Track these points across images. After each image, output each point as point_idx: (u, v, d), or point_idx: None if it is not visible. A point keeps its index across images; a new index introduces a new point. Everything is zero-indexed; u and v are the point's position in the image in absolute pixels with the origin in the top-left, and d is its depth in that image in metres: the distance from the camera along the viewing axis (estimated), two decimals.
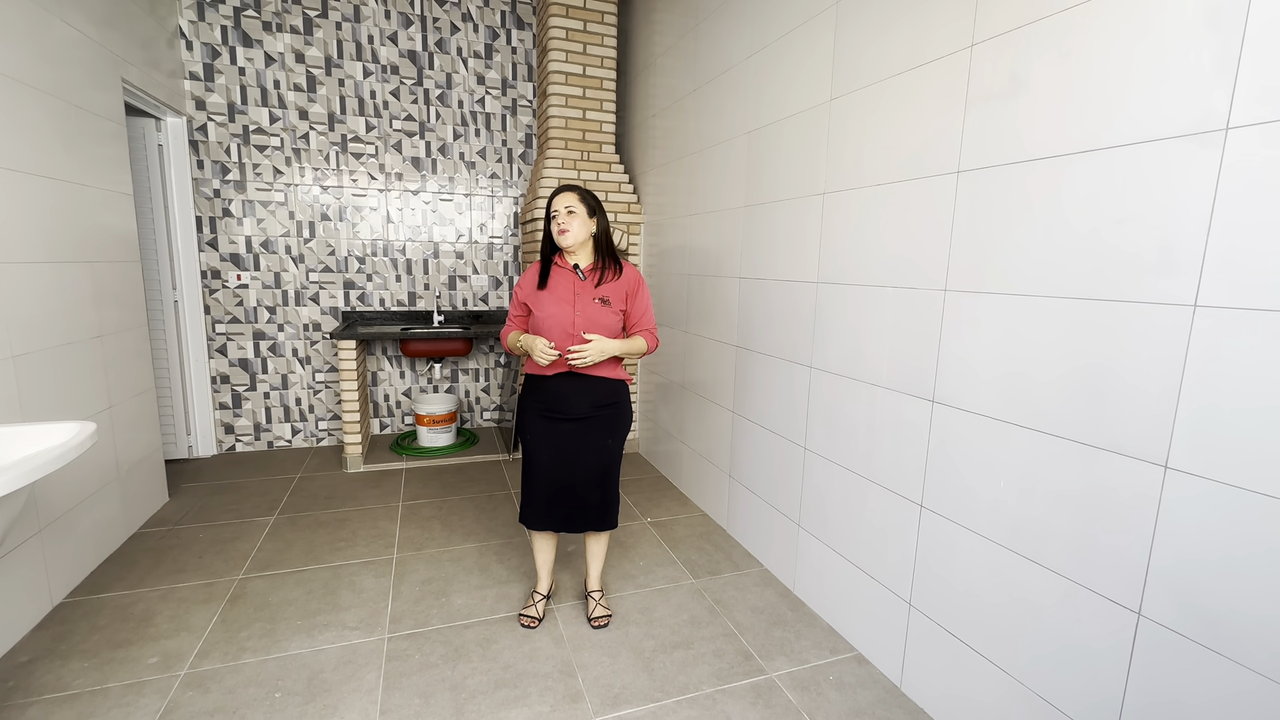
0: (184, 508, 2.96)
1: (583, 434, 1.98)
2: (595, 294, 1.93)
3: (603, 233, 1.97)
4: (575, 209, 1.91)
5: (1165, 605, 1.17)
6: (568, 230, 1.90)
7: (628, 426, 2.07)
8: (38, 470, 1.34)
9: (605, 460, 2.02)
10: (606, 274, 1.97)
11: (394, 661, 1.90)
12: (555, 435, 1.98)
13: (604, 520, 2.06)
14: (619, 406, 2.03)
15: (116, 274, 2.64)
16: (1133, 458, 1.21)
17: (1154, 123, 1.16)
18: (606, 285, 1.96)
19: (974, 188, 1.53)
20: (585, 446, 1.98)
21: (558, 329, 1.91)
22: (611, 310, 1.94)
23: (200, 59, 3.42)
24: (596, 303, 1.92)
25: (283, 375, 3.83)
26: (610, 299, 1.94)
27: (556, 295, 1.94)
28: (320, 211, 3.76)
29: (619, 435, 2.04)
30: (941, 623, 1.68)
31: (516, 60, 4.01)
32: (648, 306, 2.03)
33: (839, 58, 1.99)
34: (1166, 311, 1.15)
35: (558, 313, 1.92)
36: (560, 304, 1.92)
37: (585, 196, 1.94)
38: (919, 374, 1.72)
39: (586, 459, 1.99)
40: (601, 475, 2.02)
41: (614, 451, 2.04)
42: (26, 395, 2.01)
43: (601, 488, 2.03)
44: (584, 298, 1.93)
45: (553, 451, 1.99)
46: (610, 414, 2.01)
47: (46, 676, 1.79)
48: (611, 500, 2.06)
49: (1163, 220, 1.15)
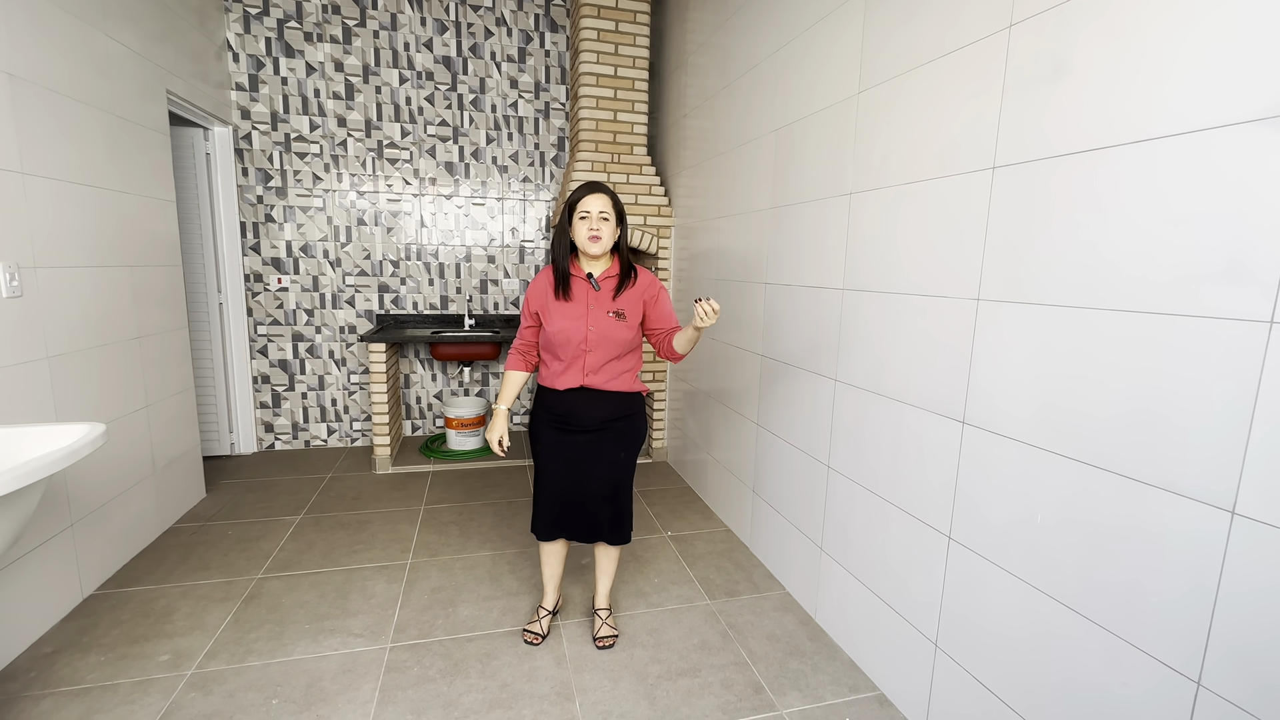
0: (218, 504, 3.06)
1: (595, 446, 1.90)
2: (611, 307, 1.83)
3: (626, 241, 1.89)
4: (610, 215, 1.80)
5: (1230, 676, 0.99)
6: (600, 236, 1.77)
7: (642, 439, 1.98)
8: (41, 470, 1.36)
9: (618, 474, 1.93)
10: (625, 285, 1.86)
11: (392, 673, 1.86)
12: (567, 447, 1.90)
13: (615, 534, 1.97)
14: (632, 419, 1.94)
15: (157, 278, 2.74)
16: (1191, 499, 1.03)
17: (1221, 105, 0.98)
18: (624, 296, 1.85)
19: (1010, 184, 1.37)
20: (597, 459, 1.90)
21: (569, 345, 1.83)
22: (626, 325, 1.84)
23: (245, 70, 3.54)
24: (611, 316, 1.82)
25: (319, 376, 3.92)
26: (626, 312, 1.84)
27: (571, 308, 1.84)
28: (356, 216, 3.83)
29: (632, 449, 1.95)
30: (970, 669, 1.51)
31: (549, 63, 3.98)
32: (669, 311, 1.93)
33: (867, 46, 1.85)
34: (1236, 328, 0.97)
35: (569, 327, 1.82)
36: (574, 319, 1.83)
37: (616, 201, 1.83)
38: (948, 391, 1.56)
39: (598, 471, 1.90)
40: (613, 489, 1.93)
41: (626, 465, 1.95)
42: (60, 395, 2.10)
43: (613, 502, 1.94)
44: (598, 311, 1.82)
45: (563, 463, 1.91)
46: (623, 427, 1.92)
47: (65, 669, 1.85)
48: (623, 514, 1.97)
49: (1232, 220, 0.97)
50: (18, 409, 1.91)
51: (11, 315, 1.90)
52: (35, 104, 2.01)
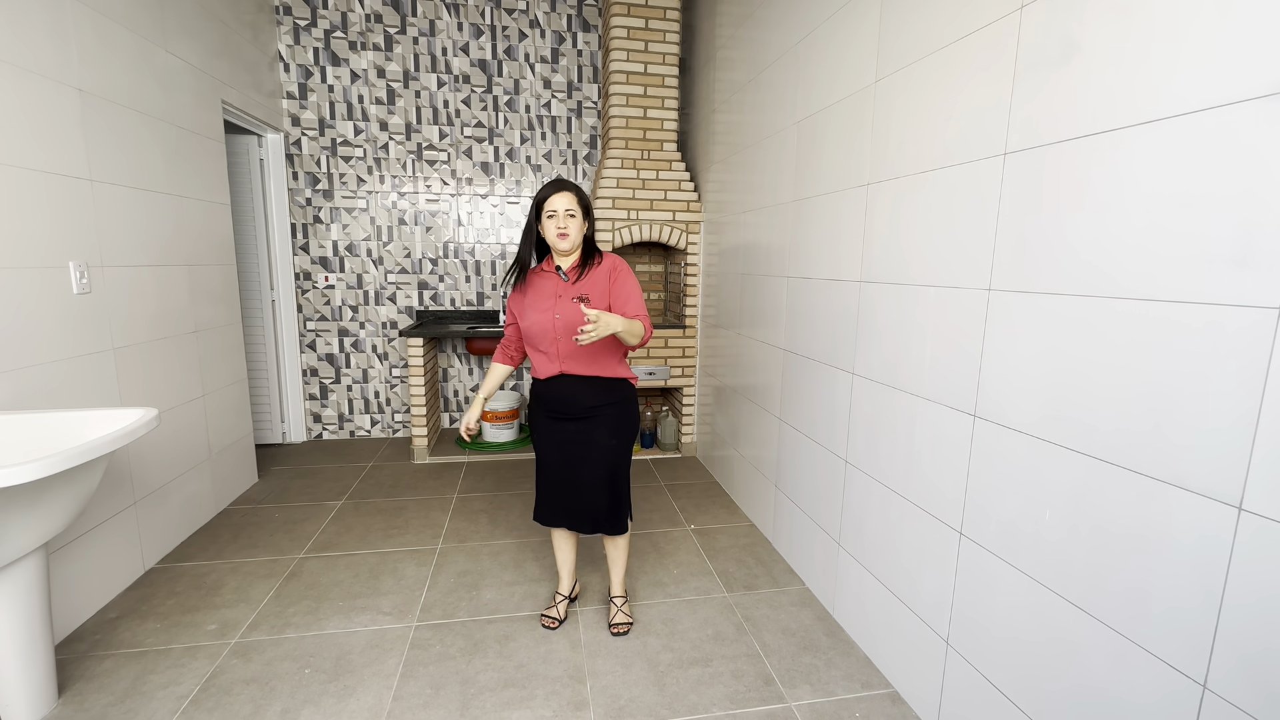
0: (268, 489, 3.26)
1: (585, 433, 1.93)
2: (575, 293, 1.86)
3: (591, 233, 1.93)
4: (576, 212, 1.84)
5: (1236, 680, 0.94)
6: (568, 234, 1.83)
7: (634, 427, 2.00)
8: (98, 449, 1.50)
9: (611, 460, 1.95)
10: (588, 270, 1.90)
11: (416, 649, 1.96)
12: (558, 433, 1.96)
13: (612, 524, 1.99)
14: (620, 406, 1.96)
15: (213, 276, 2.94)
16: (1198, 494, 0.99)
17: (1228, 82, 0.94)
18: (587, 280, 1.88)
19: (1021, 171, 1.33)
20: (588, 446, 1.93)
21: (544, 336, 1.88)
22: (591, 307, 1.82)
23: (296, 79, 3.74)
24: (575, 302, 1.85)
25: (363, 370, 4.11)
26: (591, 295, 1.87)
27: (538, 302, 1.89)
28: (398, 216, 4.00)
29: (623, 435, 1.97)
30: (980, 668, 1.48)
31: (582, 62, 4.05)
32: (632, 291, 1.89)
33: (884, 33, 1.82)
34: (1243, 315, 0.92)
35: (539, 319, 1.87)
36: (542, 311, 1.87)
37: (582, 197, 1.87)
38: (960, 384, 1.53)
39: (590, 458, 1.94)
40: (609, 476, 1.95)
41: (619, 452, 1.97)
42: (124, 383, 2.28)
43: (609, 489, 1.96)
44: (564, 300, 1.86)
45: (556, 450, 1.97)
46: (612, 413, 1.94)
47: (125, 633, 2.02)
48: (620, 504, 2.00)
49: (1239, 201, 0.93)
50: (88, 395, 2.09)
51: (82, 310, 2.08)
52: (102, 117, 2.20)
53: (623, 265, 1.93)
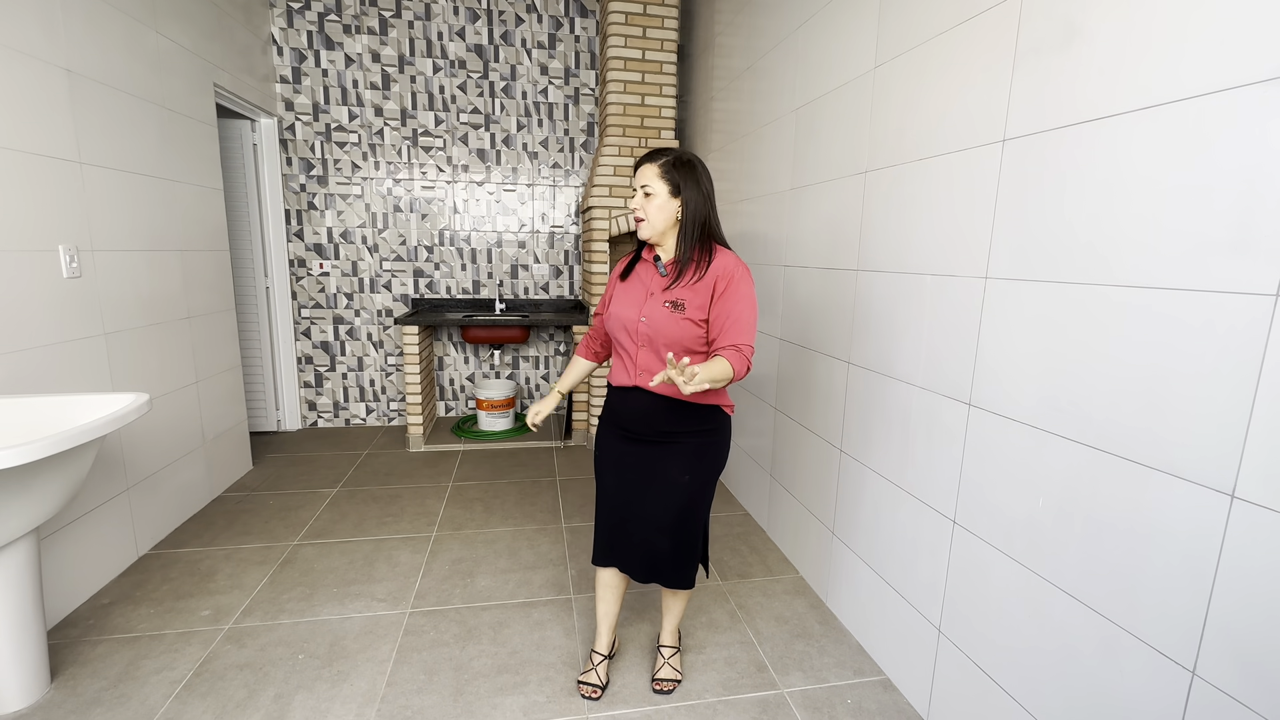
0: (263, 476, 3.25)
1: (651, 461, 1.58)
2: (669, 296, 1.50)
3: (693, 217, 1.49)
4: (653, 189, 1.48)
5: (1225, 667, 0.95)
6: (644, 219, 1.50)
7: (717, 464, 1.61)
8: (87, 433, 1.49)
9: (681, 501, 1.58)
10: (687, 270, 1.50)
11: (410, 636, 1.96)
12: (621, 456, 1.62)
13: (674, 576, 1.65)
14: (706, 437, 1.58)
15: (206, 262, 2.92)
16: (1191, 482, 0.99)
17: (1231, 67, 0.93)
18: (684, 285, 1.49)
19: (1019, 157, 1.32)
20: (652, 477, 1.58)
21: (624, 336, 1.57)
22: (683, 318, 1.47)
23: (289, 63, 3.70)
24: (666, 307, 1.49)
25: (359, 358, 4.09)
26: (687, 303, 1.48)
27: (630, 294, 1.58)
28: (393, 204, 3.97)
29: (702, 472, 1.59)
30: (971, 655, 1.49)
31: (579, 49, 4.00)
32: (739, 313, 1.45)
33: (885, 18, 1.79)
34: (1238, 302, 0.92)
35: (623, 314, 1.56)
36: (629, 305, 1.56)
37: (669, 170, 1.48)
38: (955, 373, 1.52)
39: (653, 491, 1.59)
40: (676, 519, 1.59)
41: (693, 491, 1.59)
42: (116, 369, 2.27)
43: (673, 534, 1.60)
44: (656, 299, 1.52)
45: (616, 475, 1.64)
46: (694, 444, 1.57)
47: (119, 619, 2.02)
48: (685, 553, 1.64)
49: (1236, 187, 0.92)
50: (79, 380, 2.08)
51: (72, 294, 2.06)
52: (91, 98, 2.16)
53: (739, 273, 1.48)
